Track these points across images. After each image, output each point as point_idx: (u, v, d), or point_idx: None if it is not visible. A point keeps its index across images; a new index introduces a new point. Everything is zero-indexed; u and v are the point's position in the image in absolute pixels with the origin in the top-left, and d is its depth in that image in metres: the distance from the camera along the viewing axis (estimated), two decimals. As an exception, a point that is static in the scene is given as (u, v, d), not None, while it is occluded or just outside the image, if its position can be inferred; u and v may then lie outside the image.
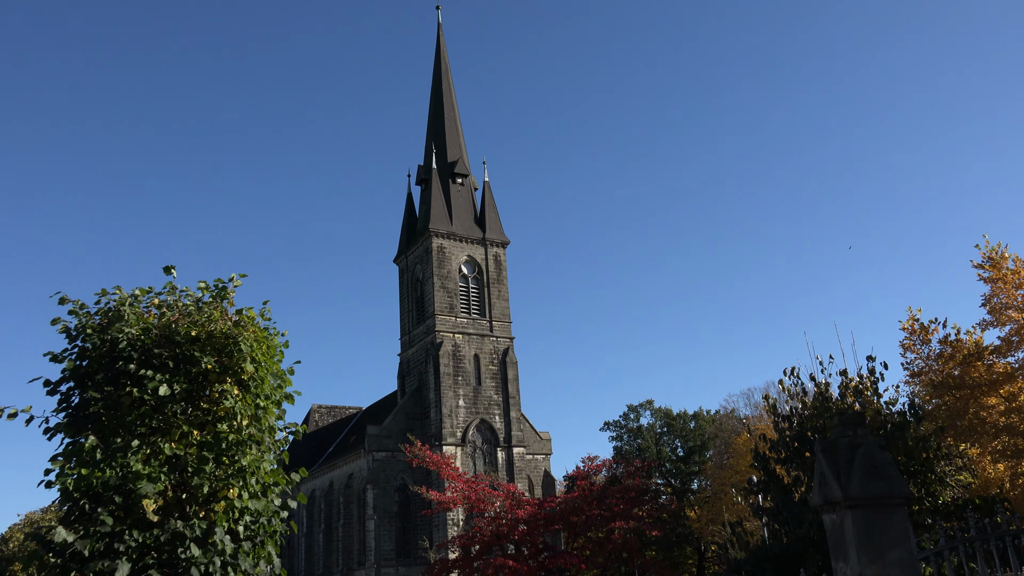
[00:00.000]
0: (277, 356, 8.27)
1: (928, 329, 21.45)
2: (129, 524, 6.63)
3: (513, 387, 63.20)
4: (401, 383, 65.99)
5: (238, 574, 6.96)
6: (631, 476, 18.09)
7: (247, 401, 7.65)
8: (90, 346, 7.35)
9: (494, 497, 16.73)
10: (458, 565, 16.11)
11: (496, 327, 64.90)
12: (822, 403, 17.57)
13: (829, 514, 7.54)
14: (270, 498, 7.86)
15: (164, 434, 7.06)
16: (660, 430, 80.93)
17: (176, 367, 7.33)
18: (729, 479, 55.73)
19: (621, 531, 15.77)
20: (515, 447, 62.02)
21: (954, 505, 15.73)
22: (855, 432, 7.65)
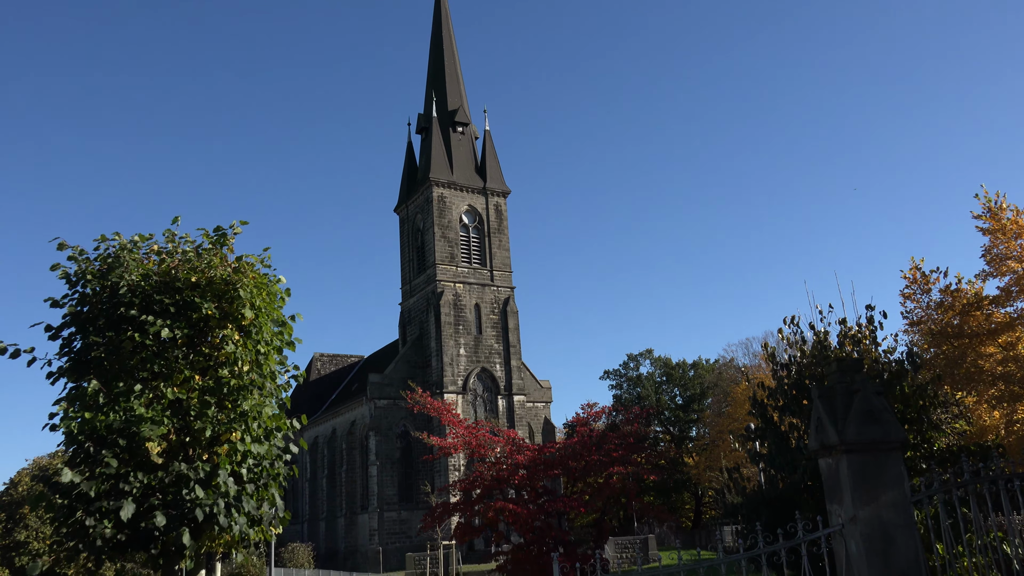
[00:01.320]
0: (278, 303, 8.28)
1: (929, 279, 21.45)
2: (133, 466, 6.72)
3: (514, 336, 63.52)
4: (402, 332, 66.34)
5: (242, 515, 7.08)
6: (630, 423, 18.26)
7: (248, 347, 7.69)
8: (90, 292, 7.36)
9: (494, 443, 16.92)
10: (459, 508, 16.37)
11: (497, 276, 64.95)
12: (820, 352, 17.63)
13: (825, 458, 7.63)
14: (272, 442, 7.95)
15: (166, 379, 7.12)
16: (659, 379, 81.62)
17: (177, 313, 7.35)
18: (727, 427, 56.40)
19: (620, 476, 15.99)
20: (515, 395, 62.59)
21: (949, 451, 15.91)
22: (852, 378, 7.70)
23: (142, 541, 6.61)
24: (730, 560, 7.82)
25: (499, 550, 17.51)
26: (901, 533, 7.09)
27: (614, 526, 56.73)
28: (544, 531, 15.24)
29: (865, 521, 7.08)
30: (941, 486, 7.79)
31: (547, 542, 15.04)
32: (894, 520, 7.10)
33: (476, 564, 44.07)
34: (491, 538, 17.19)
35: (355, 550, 60.90)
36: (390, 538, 58.16)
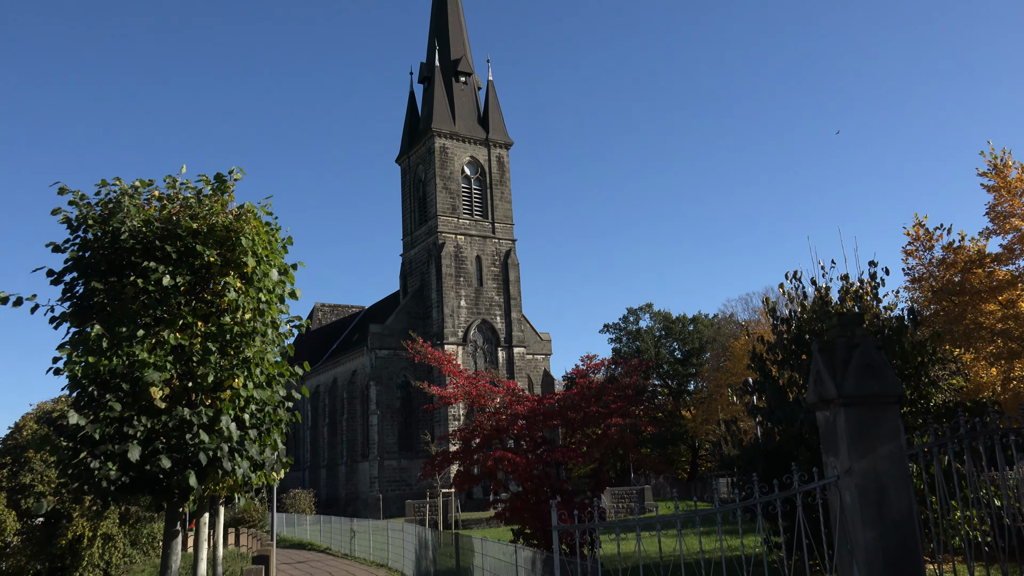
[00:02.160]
0: (279, 251, 8.26)
1: (932, 235, 21.39)
2: (137, 410, 6.77)
3: (514, 288, 63.61)
4: (403, 283, 66.44)
5: (245, 460, 7.16)
6: (629, 375, 18.37)
7: (250, 295, 7.69)
8: (92, 237, 7.34)
9: (494, 393, 17.05)
10: (458, 457, 16.56)
11: (498, 229, 64.79)
12: (821, 307, 17.66)
13: (823, 411, 7.69)
14: (275, 388, 8.01)
15: (168, 324, 7.13)
16: (659, 333, 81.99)
17: (178, 259, 7.33)
18: (725, 381, 56.81)
19: (618, 428, 16.13)
20: (515, 347, 62.93)
21: (945, 408, 16.04)
22: (853, 333, 7.72)
23: (147, 483, 6.70)
24: (726, 509, 7.94)
25: (497, 498, 17.77)
26: (895, 485, 7.17)
27: (611, 477, 57.41)
28: (542, 480, 15.44)
29: (860, 473, 7.16)
30: (937, 440, 7.86)
31: (545, 491, 15.25)
32: (889, 472, 7.18)
33: (475, 512, 44.81)
34: (490, 487, 17.43)
35: (356, 497, 61.89)
36: (390, 486, 59.05)
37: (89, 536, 34.60)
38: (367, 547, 31.24)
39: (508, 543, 12.86)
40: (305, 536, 44.46)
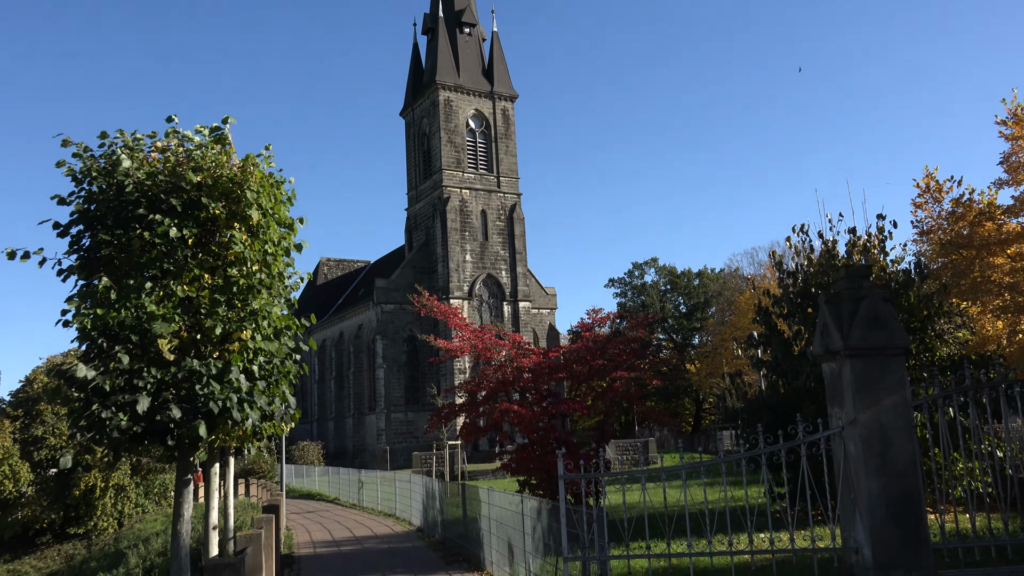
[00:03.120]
0: (284, 203, 8.23)
1: (942, 187, 21.21)
2: (146, 362, 6.81)
3: (520, 243, 63.51)
4: (408, 237, 66.36)
5: (254, 410, 7.22)
6: (634, 329, 18.41)
7: (255, 247, 7.68)
8: (96, 189, 7.30)
9: (500, 347, 17.11)
10: (464, 409, 16.70)
11: (503, 183, 64.41)
12: (828, 260, 17.61)
13: (829, 363, 7.71)
14: (282, 341, 8.04)
15: (175, 277, 7.14)
16: (664, 287, 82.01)
17: (184, 212, 7.31)
18: (729, 335, 57.00)
19: (623, 381, 16.21)
20: (521, 301, 63.06)
21: (950, 361, 16.08)
22: (860, 285, 7.70)
23: (158, 433, 6.77)
24: (730, 460, 8.02)
25: (503, 450, 17.96)
26: (899, 436, 7.22)
27: (616, 430, 57.95)
28: (547, 432, 15.58)
29: (865, 424, 7.21)
30: (942, 392, 7.89)
31: (550, 443, 15.39)
32: (894, 423, 7.22)
33: (481, 463, 45.40)
34: (495, 438, 17.59)
35: (363, 449, 62.69)
36: (397, 438, 59.76)
37: (101, 487, 35.22)
38: (375, 498, 31.75)
39: (514, 493, 13.03)
40: (314, 487, 45.19)
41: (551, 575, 9.93)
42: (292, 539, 22.18)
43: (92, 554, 34.03)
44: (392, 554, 18.16)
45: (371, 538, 21.96)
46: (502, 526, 13.17)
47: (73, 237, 7.21)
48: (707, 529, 7.57)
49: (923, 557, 7.03)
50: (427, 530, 21.64)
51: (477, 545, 15.46)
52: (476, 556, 15.47)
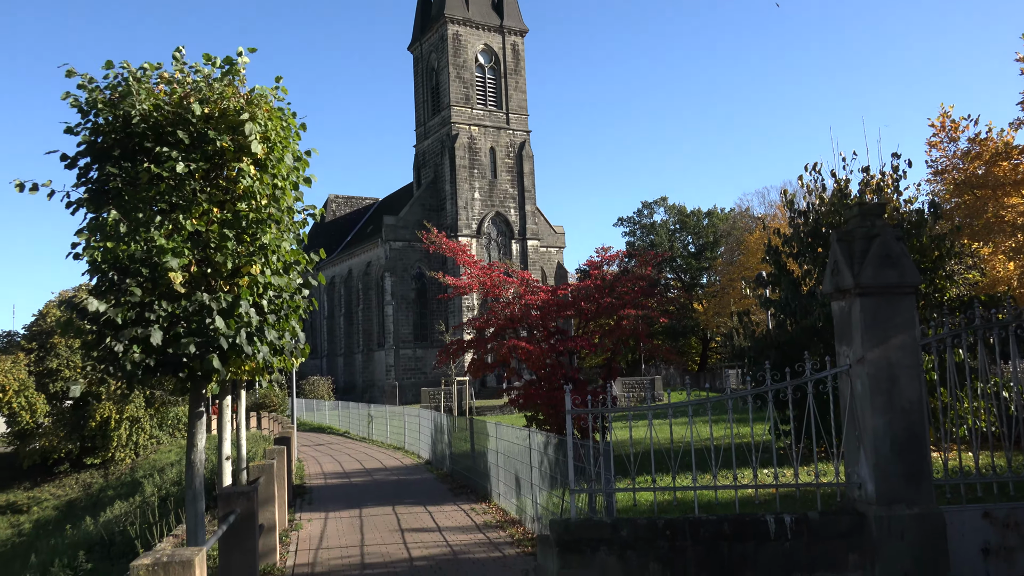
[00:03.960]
0: (292, 137, 8.14)
1: (958, 126, 20.84)
2: (157, 295, 6.84)
3: (529, 181, 63.06)
4: (417, 175, 65.93)
5: (264, 344, 7.28)
6: (643, 267, 18.37)
7: (264, 181, 7.63)
8: (103, 121, 7.23)
9: (508, 284, 17.13)
10: (473, 346, 16.82)
11: (513, 120, 63.62)
12: (840, 200, 17.45)
13: (838, 301, 7.69)
14: (292, 276, 8.06)
15: (184, 211, 7.11)
16: (673, 227, 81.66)
17: (191, 145, 7.24)
18: (738, 275, 56.92)
19: (631, 318, 16.25)
20: (529, 239, 62.93)
21: (959, 301, 16.05)
22: (873, 223, 7.62)
23: (171, 366, 6.85)
24: (737, 396, 8.07)
25: (511, 386, 18.15)
26: (907, 374, 7.24)
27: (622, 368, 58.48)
28: (555, 369, 15.71)
29: (872, 362, 7.22)
30: (951, 331, 7.88)
31: (558, 379, 15.53)
32: (901, 362, 7.23)
33: (488, 399, 46.00)
34: (503, 375, 17.76)
35: (372, 384, 63.49)
36: (406, 374, 60.44)
37: (116, 418, 35.94)
38: (384, 431, 32.28)
39: (521, 428, 13.21)
40: (324, 421, 45.96)
41: (557, 507, 10.13)
42: (303, 470, 22.66)
43: (109, 483, 34.90)
44: (401, 485, 18.55)
45: (381, 470, 22.42)
46: (509, 459, 13.40)
47: (81, 169, 7.17)
48: (712, 464, 7.67)
49: (925, 492, 7.13)
50: (435, 463, 22.05)
51: (484, 478, 15.75)
52: (483, 488, 15.78)
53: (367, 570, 9.84)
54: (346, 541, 11.86)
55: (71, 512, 32.49)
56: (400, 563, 10.12)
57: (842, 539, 7.09)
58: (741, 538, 7.05)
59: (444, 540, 11.47)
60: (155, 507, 17.08)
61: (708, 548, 7.01)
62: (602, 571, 6.97)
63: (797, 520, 7.11)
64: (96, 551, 17.65)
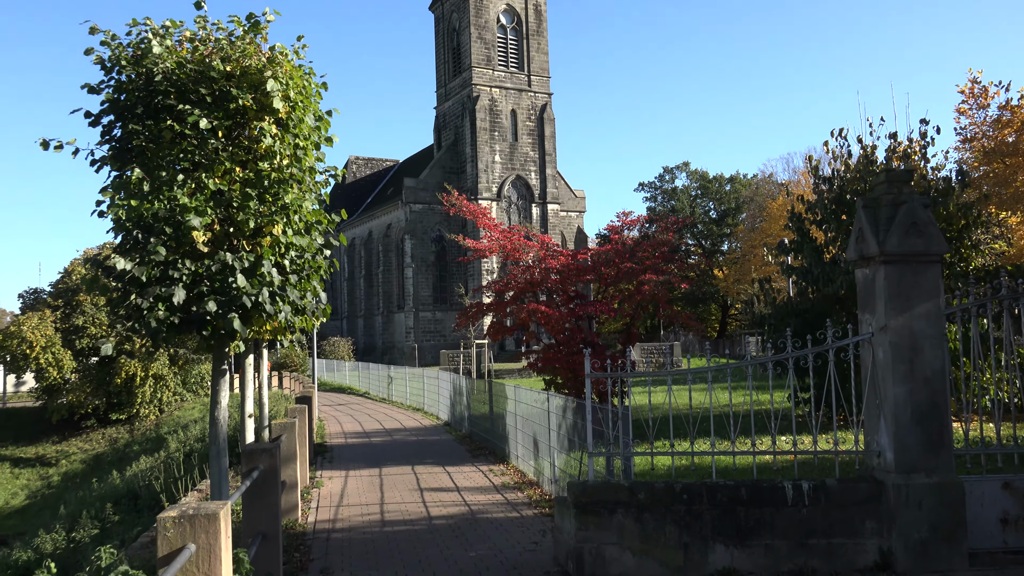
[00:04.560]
0: (314, 97, 8.10)
1: (988, 92, 20.38)
2: (181, 254, 6.89)
3: (549, 144, 62.60)
4: (437, 137, 65.64)
5: (286, 304, 7.33)
6: (664, 232, 18.25)
7: (286, 141, 7.62)
8: (126, 79, 7.22)
9: (529, 247, 17.09)
10: (492, 309, 16.85)
11: (534, 82, 62.96)
12: (866, 166, 17.20)
13: (862, 269, 7.61)
14: (313, 236, 8.07)
15: (207, 170, 7.12)
16: (695, 192, 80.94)
17: (213, 103, 7.23)
18: (759, 241, 56.47)
19: (651, 284, 16.20)
20: (549, 203, 62.66)
21: (985, 271, 15.84)
22: (900, 190, 7.51)
23: (194, 324, 6.92)
24: (757, 363, 8.05)
25: (530, 349, 18.21)
26: (930, 344, 7.19)
27: (641, 333, 58.38)
28: (574, 333, 15.72)
29: (895, 330, 7.17)
30: (976, 300, 7.79)
31: (577, 343, 15.55)
32: (925, 331, 7.17)
33: (507, 363, 46.23)
34: (522, 338, 17.82)
35: (392, 346, 63.96)
36: (425, 336, 60.81)
37: (142, 376, 36.56)
38: (404, 393, 32.59)
39: (540, 391, 13.28)
40: (344, 381, 46.45)
41: (574, 470, 10.21)
42: (324, 429, 22.97)
43: (134, 438, 35.61)
44: (420, 446, 18.77)
45: (400, 430, 22.67)
46: (527, 422, 13.50)
47: (104, 127, 7.18)
48: (731, 430, 7.69)
49: (945, 462, 7.11)
50: (454, 424, 22.27)
51: (503, 440, 15.89)
52: (501, 450, 15.93)
53: (387, 527, 10.01)
54: (366, 499, 12.05)
55: (98, 466, 33.23)
56: (419, 521, 10.27)
57: (860, 506, 7.10)
58: (758, 503, 7.08)
59: (462, 500, 11.62)
60: (179, 462, 17.41)
61: (725, 512, 7.06)
62: (619, 532, 7.04)
63: (815, 487, 7.13)
64: (123, 504, 18.07)
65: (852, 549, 7.06)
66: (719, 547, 7.03)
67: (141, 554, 8.54)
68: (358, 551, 8.78)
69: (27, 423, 41.02)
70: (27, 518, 29.53)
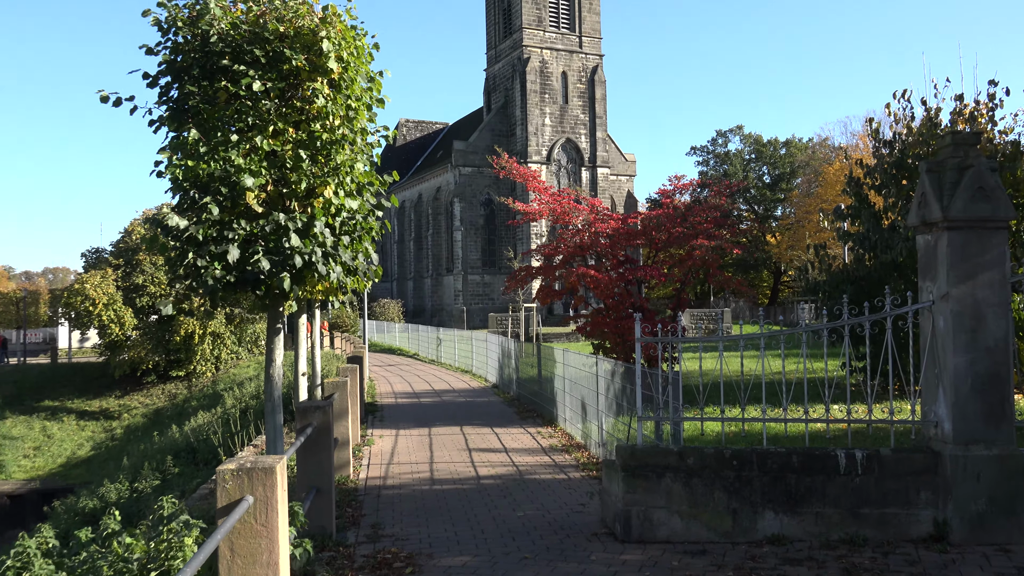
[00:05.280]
0: (365, 58, 8.09)
1: (1066, 51, 19.38)
2: (236, 214, 7.00)
3: (600, 107, 61.82)
4: (487, 99, 65.31)
5: (338, 264, 7.41)
6: (717, 196, 17.95)
7: (338, 101, 7.64)
8: (182, 40, 7.30)
9: (578, 211, 16.99)
10: (541, 272, 16.84)
11: (585, 43, 62.05)
12: (929, 129, 16.60)
13: (924, 235, 7.38)
14: (365, 197, 8.12)
15: (260, 131, 7.19)
16: (748, 156, 79.29)
17: (267, 64, 7.27)
18: (814, 207, 55.22)
19: (703, 249, 15.99)
20: (599, 167, 62.07)
21: (1054, 239, 15.25)
22: (966, 153, 7.24)
23: (249, 283, 7.05)
24: (811, 330, 7.91)
25: (578, 313, 18.21)
26: (993, 313, 6.96)
27: (690, 299, 57.92)
28: (623, 297, 15.65)
29: (957, 298, 6.96)
30: (1045, 268, 7.52)
31: (625, 308, 15.49)
32: (988, 299, 6.95)
33: (555, 327, 46.29)
34: (570, 302, 17.85)
35: (441, 308, 64.52)
36: (473, 299, 61.18)
37: (200, 333, 37.57)
38: (452, 355, 32.91)
39: (588, 355, 13.28)
40: (394, 343, 47.08)
41: (622, 434, 10.22)
42: (374, 389, 23.36)
43: (192, 394, 36.73)
44: (469, 407, 18.98)
45: (449, 391, 22.95)
46: (576, 385, 13.52)
47: (162, 88, 7.29)
48: (783, 397, 7.59)
49: (1005, 433, 6.92)
50: (502, 387, 22.44)
51: (550, 403, 15.97)
52: (549, 413, 16.02)
53: (436, 485, 10.17)
54: (416, 457, 12.25)
55: (158, 420, 34.40)
56: (468, 480, 10.42)
57: (915, 477, 6.98)
58: (810, 471, 7.00)
59: (510, 460, 11.74)
60: (235, 418, 17.91)
61: (775, 479, 7.00)
62: (667, 496, 7.04)
63: (868, 456, 7.02)
64: (182, 457, 18.70)
65: (905, 519, 6.95)
66: (768, 514, 6.99)
67: (200, 505, 8.84)
68: (408, 508, 8.95)
69: (91, 378, 42.58)
70: (92, 468, 30.81)
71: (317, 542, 6.91)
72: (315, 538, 6.89)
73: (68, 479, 31.29)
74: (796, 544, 6.85)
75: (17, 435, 35.70)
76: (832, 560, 6.43)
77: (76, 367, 45.19)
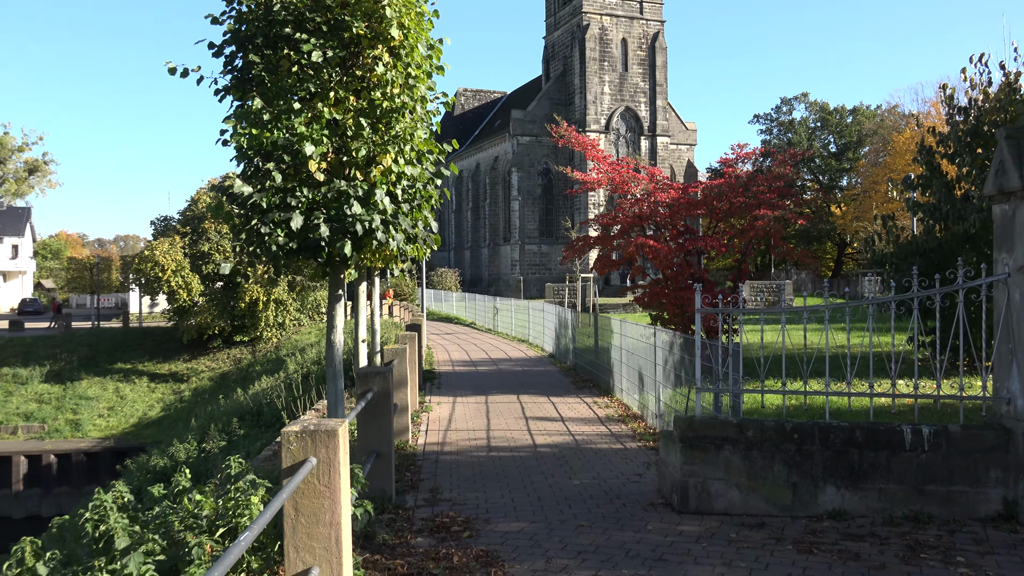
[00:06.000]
0: (425, 25, 8.07)
1: None
2: (298, 182, 7.10)
3: (661, 74, 60.68)
4: (545, 68, 64.68)
5: (398, 231, 7.47)
6: (781, 165, 17.50)
7: (398, 69, 7.64)
8: (246, 9, 7.39)
9: (637, 180, 16.75)
10: (599, 242, 16.71)
11: (646, 9, 60.84)
12: (1008, 95, 15.84)
13: (1001, 204, 7.08)
14: (424, 165, 8.15)
15: (322, 99, 7.25)
16: (813, 125, 77.09)
17: (329, 32, 7.31)
18: (883, 177, 53.49)
19: (765, 219, 15.63)
20: (659, 136, 61.12)
21: None
22: (1051, 119, 6.89)
23: (310, 250, 7.17)
24: (879, 302, 7.70)
25: (636, 284, 18.03)
26: (1075, 286, 6.67)
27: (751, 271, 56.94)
28: (682, 268, 15.44)
29: (1036, 271, 6.68)
30: None
31: (685, 279, 15.28)
32: (1070, 272, 6.65)
33: (612, 298, 46.06)
34: (628, 273, 17.67)
35: (497, 278, 64.75)
36: (530, 269, 61.21)
37: (264, 300, 38.50)
38: (509, 324, 33.06)
39: (646, 326, 13.18)
40: (451, 311, 47.50)
41: (680, 405, 10.15)
42: (432, 357, 23.64)
43: (256, 359, 37.75)
44: (525, 376, 19.07)
45: (505, 360, 23.09)
46: (633, 356, 13.46)
47: (227, 57, 7.40)
48: (848, 371, 7.42)
49: (1083, 412, 6.66)
50: (558, 356, 22.48)
51: (607, 373, 15.94)
52: (606, 383, 15.99)
53: (493, 452, 10.28)
54: (473, 425, 12.39)
55: (224, 383, 35.48)
56: (524, 448, 10.49)
57: (984, 454, 6.78)
58: (874, 446, 6.86)
59: (567, 429, 11.78)
60: (298, 383, 18.34)
61: (837, 454, 6.87)
62: (726, 468, 6.98)
63: (936, 432, 6.83)
64: (247, 419, 19.27)
65: (973, 497, 6.77)
66: (830, 488, 6.88)
67: (264, 465, 9.10)
68: (465, 473, 9.06)
69: (161, 342, 44.09)
70: (162, 429, 32.01)
71: (377, 504, 7.06)
72: (375, 500, 7.03)
73: (140, 438, 32.59)
74: (858, 520, 6.73)
75: (92, 396, 37.27)
76: (895, 537, 6.31)
77: (146, 331, 46.82)
